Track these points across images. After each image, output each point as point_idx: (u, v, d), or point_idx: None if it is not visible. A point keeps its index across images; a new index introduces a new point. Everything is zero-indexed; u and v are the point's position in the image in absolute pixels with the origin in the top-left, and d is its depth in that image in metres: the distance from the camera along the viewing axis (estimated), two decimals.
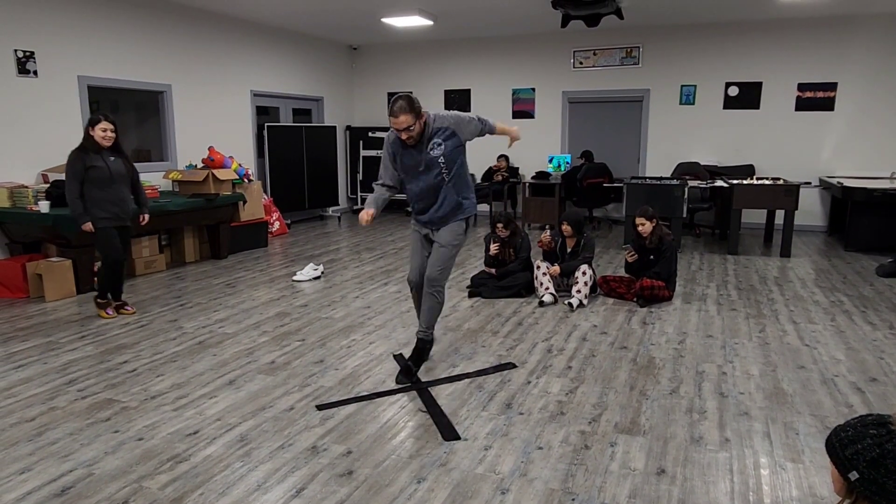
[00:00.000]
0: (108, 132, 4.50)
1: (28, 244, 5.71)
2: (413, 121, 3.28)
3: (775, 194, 6.89)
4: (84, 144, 4.49)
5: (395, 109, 3.25)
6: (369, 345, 4.14)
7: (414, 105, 3.27)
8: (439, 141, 3.42)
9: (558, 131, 9.87)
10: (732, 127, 8.92)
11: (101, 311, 4.75)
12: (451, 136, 3.44)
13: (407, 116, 3.25)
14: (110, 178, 4.54)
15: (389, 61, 10.77)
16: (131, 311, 4.86)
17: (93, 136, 4.47)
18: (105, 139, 4.49)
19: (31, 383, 3.50)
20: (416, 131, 3.33)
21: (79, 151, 4.47)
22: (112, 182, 4.55)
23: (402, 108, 3.24)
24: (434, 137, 3.41)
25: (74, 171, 4.43)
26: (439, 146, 3.41)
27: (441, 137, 3.42)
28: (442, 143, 3.42)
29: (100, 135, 4.47)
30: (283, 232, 8.63)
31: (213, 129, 8.02)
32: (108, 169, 4.52)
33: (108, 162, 4.52)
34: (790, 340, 4.20)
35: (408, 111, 3.24)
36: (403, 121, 3.26)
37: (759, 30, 8.58)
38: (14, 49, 5.70)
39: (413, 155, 3.44)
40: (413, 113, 3.26)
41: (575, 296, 5.04)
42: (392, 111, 3.26)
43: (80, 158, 4.44)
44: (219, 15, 7.99)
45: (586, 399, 3.28)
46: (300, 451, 2.74)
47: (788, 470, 2.58)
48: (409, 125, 3.28)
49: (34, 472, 2.58)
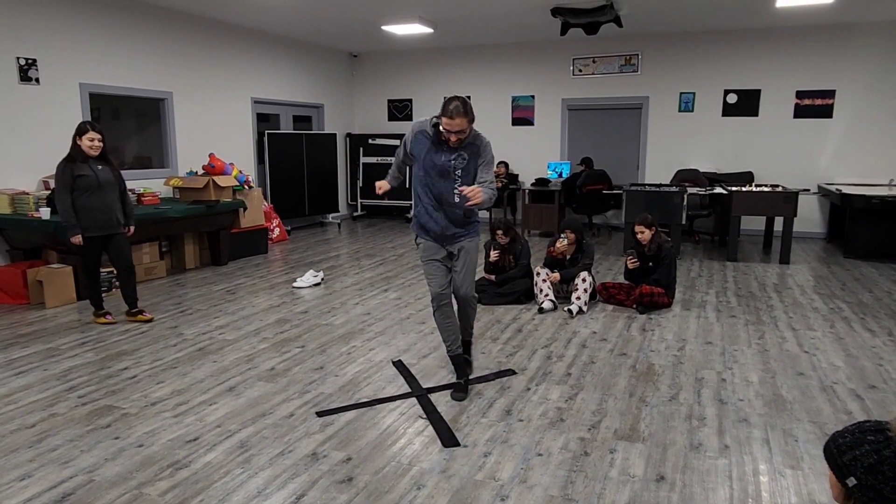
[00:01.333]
0: (96, 141, 4.49)
1: (29, 251, 5.72)
2: (467, 125, 3.21)
3: (774, 201, 6.91)
4: (71, 154, 4.48)
5: (452, 110, 3.15)
6: (369, 351, 4.15)
7: (469, 110, 3.21)
8: (465, 155, 3.33)
9: (558, 138, 9.90)
10: (731, 134, 8.95)
11: (101, 319, 4.75)
12: (471, 155, 3.35)
13: (463, 120, 3.17)
14: (98, 185, 4.52)
15: (390, 69, 10.82)
16: (148, 318, 4.83)
17: (80, 145, 4.46)
18: (92, 149, 4.48)
19: (31, 390, 3.51)
20: (465, 136, 3.26)
21: (66, 162, 4.46)
22: (99, 189, 4.54)
23: (459, 111, 3.15)
24: (463, 149, 3.33)
25: (63, 182, 4.43)
26: (463, 160, 3.33)
27: (467, 152, 3.34)
28: (467, 157, 3.34)
29: (87, 144, 4.46)
30: (283, 238, 8.65)
31: (213, 136, 8.05)
32: (97, 177, 4.51)
33: (95, 170, 4.52)
34: (789, 347, 4.21)
35: (464, 115, 3.17)
36: (459, 123, 3.17)
37: (758, 37, 8.63)
38: (16, 56, 5.73)
39: (439, 160, 3.34)
40: (468, 118, 3.20)
41: (574, 302, 5.05)
42: (447, 111, 3.16)
43: (68, 168, 4.44)
44: (219, 22, 8.03)
45: (586, 406, 3.28)
46: (300, 457, 2.75)
47: (787, 476, 2.58)
48: (464, 128, 3.20)
49: (34, 478, 2.58)
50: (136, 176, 6.97)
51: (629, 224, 6.71)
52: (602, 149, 9.65)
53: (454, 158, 3.32)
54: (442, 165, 3.33)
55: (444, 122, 3.19)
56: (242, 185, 7.33)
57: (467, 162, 3.33)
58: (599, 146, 9.68)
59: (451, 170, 3.33)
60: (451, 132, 3.20)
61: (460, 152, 3.32)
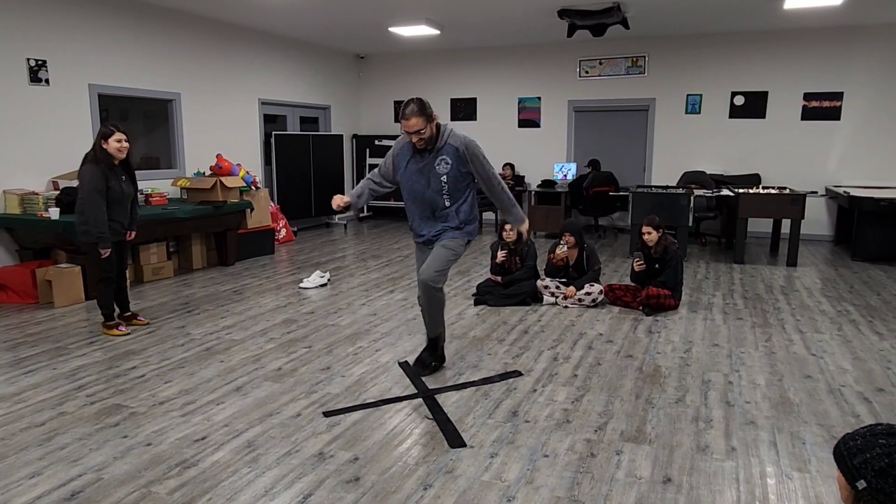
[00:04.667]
0: (123, 142, 4.30)
1: (38, 250, 5.76)
2: (424, 124, 3.27)
3: (781, 203, 6.88)
4: (100, 159, 4.24)
5: (407, 112, 3.24)
6: (375, 352, 4.16)
7: (425, 108, 3.26)
8: (448, 159, 3.37)
9: (564, 140, 9.90)
10: (738, 136, 8.93)
11: (114, 331, 4.51)
12: (460, 160, 3.38)
13: (418, 119, 3.24)
14: (121, 197, 4.39)
15: (396, 70, 10.84)
16: (144, 322, 4.77)
17: (106, 149, 4.24)
18: (121, 151, 4.28)
19: (40, 388, 3.53)
20: (427, 135, 3.31)
21: (96, 166, 4.22)
22: (122, 201, 4.42)
23: (413, 111, 3.23)
24: (443, 154, 3.37)
25: (99, 189, 4.20)
26: (447, 164, 3.37)
27: (450, 156, 3.37)
28: (451, 162, 3.37)
29: (115, 146, 4.26)
30: (289, 239, 8.67)
31: (221, 137, 8.08)
32: (121, 188, 4.36)
33: (120, 181, 4.36)
34: (797, 350, 4.19)
35: (419, 114, 3.24)
36: (415, 123, 3.24)
37: (765, 39, 8.60)
38: (27, 58, 5.77)
39: (419, 166, 3.42)
40: (424, 116, 3.25)
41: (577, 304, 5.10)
42: (404, 114, 3.25)
43: (103, 177, 4.22)
44: (227, 24, 8.07)
45: (592, 407, 3.28)
46: (307, 457, 2.76)
47: (795, 479, 2.58)
48: (420, 128, 3.26)
49: (44, 476, 2.60)
50: (144, 176, 7.00)
51: (636, 226, 6.70)
52: (608, 151, 9.64)
53: (438, 163, 3.37)
54: (426, 171, 3.40)
55: (403, 124, 3.27)
56: (249, 186, 7.36)
57: (451, 167, 3.37)
58: (606, 148, 9.68)
59: (436, 175, 3.39)
60: (410, 133, 3.27)
61: (442, 157, 3.37)
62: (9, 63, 5.65)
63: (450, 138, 3.39)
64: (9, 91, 5.66)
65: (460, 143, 3.39)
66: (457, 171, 3.39)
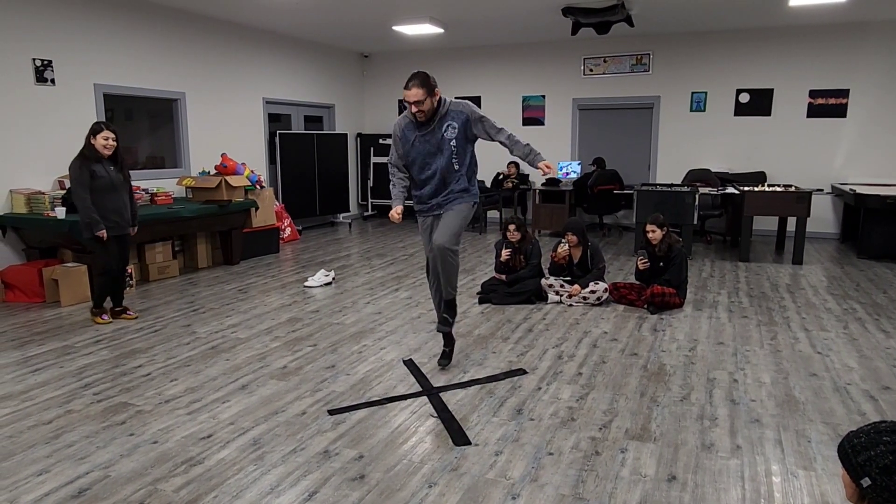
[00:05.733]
0: (110, 141, 4.50)
1: (44, 250, 5.79)
2: (425, 96, 3.36)
3: (787, 201, 6.86)
4: (84, 153, 4.47)
5: (409, 83, 3.34)
6: (380, 350, 4.16)
7: (428, 80, 3.36)
8: (454, 124, 3.48)
9: (568, 138, 9.89)
10: (744, 134, 8.90)
11: (97, 319, 4.76)
12: (465, 123, 3.50)
13: (419, 90, 3.34)
14: (112, 186, 4.55)
15: (400, 69, 10.84)
16: (133, 316, 4.88)
17: (94, 144, 4.47)
18: (107, 147, 4.49)
19: (47, 386, 3.55)
20: (426, 107, 3.40)
21: (81, 160, 4.45)
22: (113, 190, 4.57)
23: (415, 83, 3.34)
24: (447, 119, 3.48)
25: (81, 180, 4.42)
26: (453, 129, 3.48)
27: (456, 121, 3.49)
28: (457, 126, 3.49)
29: (101, 143, 4.47)
30: (294, 238, 8.69)
31: (225, 137, 8.10)
32: (110, 177, 4.54)
33: (108, 171, 4.54)
34: (802, 348, 4.18)
35: (420, 85, 3.34)
36: (415, 94, 3.34)
37: (771, 37, 8.57)
38: (32, 58, 5.80)
39: (427, 138, 3.52)
40: (426, 88, 3.35)
41: (582, 302, 5.10)
42: (406, 84, 3.35)
43: (84, 167, 4.43)
44: (232, 23, 8.08)
45: (597, 405, 3.28)
46: (312, 455, 2.77)
47: (800, 477, 2.57)
48: (420, 99, 3.36)
49: (51, 473, 2.62)
50: (149, 176, 7.03)
51: (640, 224, 6.69)
52: (613, 149, 9.62)
53: (445, 130, 3.50)
54: (433, 140, 3.52)
55: (404, 94, 3.40)
56: (254, 185, 7.38)
57: (458, 131, 3.50)
58: (610, 146, 9.66)
59: (445, 141, 3.51)
60: (410, 102, 3.38)
61: (448, 123, 3.50)
62: (15, 63, 5.68)
63: (451, 106, 3.52)
64: (15, 91, 5.69)
65: (464, 107, 3.53)
66: (463, 134, 3.53)
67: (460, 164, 3.57)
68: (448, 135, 3.49)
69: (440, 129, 3.50)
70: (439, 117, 3.49)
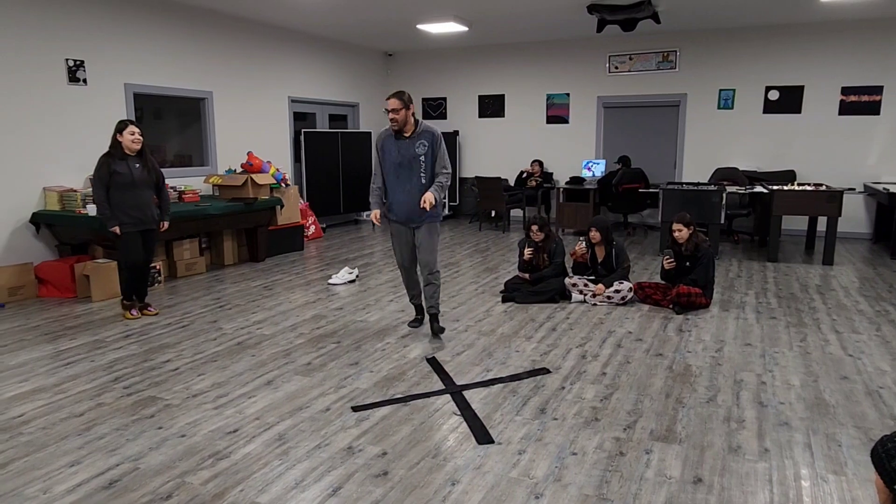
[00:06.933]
0: (136, 135, 4.64)
1: (76, 246, 5.92)
2: (401, 107, 4.06)
3: (817, 200, 6.73)
4: (111, 150, 4.62)
5: (391, 95, 4.10)
6: (403, 348, 4.18)
7: (404, 96, 4.10)
8: (425, 142, 4.16)
9: (593, 136, 9.81)
10: (773, 132, 8.74)
11: (126, 313, 4.87)
12: (432, 144, 4.17)
13: (396, 101, 4.06)
14: (133, 182, 4.65)
15: (424, 67, 10.86)
16: (154, 312, 4.97)
17: (121, 141, 4.60)
18: (134, 142, 4.62)
19: (79, 379, 3.63)
20: (400, 116, 4.08)
21: (106, 157, 4.60)
22: (134, 187, 4.66)
23: (396, 95, 4.09)
24: (421, 138, 4.15)
25: (100, 176, 4.57)
26: (424, 146, 4.15)
27: (426, 140, 4.16)
28: (427, 144, 4.15)
29: (128, 139, 4.60)
30: (318, 236, 8.76)
31: (252, 135, 8.20)
32: (132, 174, 4.64)
33: (132, 168, 4.65)
34: (833, 350, 4.10)
35: (398, 98, 4.07)
36: (393, 103, 4.06)
37: (801, 32, 8.40)
38: (65, 58, 5.93)
39: (401, 149, 4.15)
40: (402, 101, 4.07)
41: (606, 301, 5.05)
42: (389, 96, 4.11)
43: (105, 164, 4.57)
44: (258, 23, 8.17)
45: (621, 406, 3.25)
46: (336, 451, 2.79)
47: (830, 482, 2.52)
48: (397, 108, 4.05)
49: (83, 465, 2.68)
50: (177, 174, 7.14)
51: (666, 223, 6.62)
52: (638, 147, 9.53)
53: (417, 146, 4.14)
54: (409, 154, 4.14)
55: (386, 102, 4.12)
56: (279, 183, 7.46)
57: (427, 148, 4.16)
58: (636, 144, 9.56)
59: (416, 156, 4.13)
60: (388, 110, 4.09)
61: (420, 140, 4.15)
62: (48, 63, 5.81)
63: (425, 127, 4.18)
64: (48, 90, 5.83)
65: (434, 131, 4.20)
66: (431, 152, 4.17)
67: (427, 178, 4.17)
68: (419, 150, 4.14)
69: (413, 144, 4.14)
70: (415, 134, 4.14)
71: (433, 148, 4.15)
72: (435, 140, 4.16)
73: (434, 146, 4.15)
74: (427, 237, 4.26)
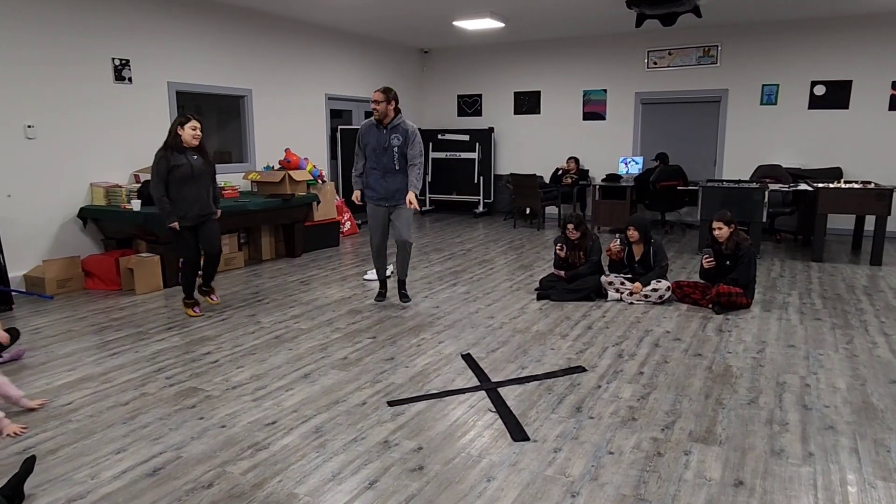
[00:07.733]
0: (198, 130, 4.57)
1: (121, 240, 6.09)
2: (383, 100, 4.72)
3: (865, 199, 6.51)
4: (169, 143, 4.53)
5: (378, 89, 4.75)
6: (438, 344, 4.19)
7: (390, 93, 4.75)
8: (399, 136, 4.81)
9: (630, 133, 9.67)
10: (818, 128, 8.49)
11: (189, 311, 4.86)
12: (405, 138, 4.81)
13: (381, 95, 4.73)
14: (192, 176, 4.58)
15: (460, 64, 10.85)
16: (215, 301, 5.00)
17: (181, 135, 4.51)
18: (195, 137, 4.56)
19: (124, 370, 3.74)
20: (381, 108, 4.73)
21: (164, 151, 4.52)
22: (194, 180, 4.60)
23: (382, 90, 4.75)
24: (397, 132, 4.80)
25: (159, 171, 4.50)
26: (398, 139, 4.80)
27: (401, 135, 4.80)
28: (401, 138, 4.80)
29: (189, 133, 4.53)
30: (353, 232, 8.84)
31: (289, 132, 8.31)
32: (191, 167, 4.57)
33: (191, 160, 4.58)
34: (881, 353, 3.96)
35: (384, 93, 4.73)
36: (378, 96, 4.73)
37: (849, 25, 8.13)
38: (112, 57, 6.10)
39: (379, 137, 4.81)
40: (387, 97, 4.73)
41: (643, 300, 4.97)
42: (376, 90, 4.75)
43: (165, 158, 4.49)
44: (296, 21, 8.27)
45: (659, 406, 3.21)
46: (372, 444, 2.81)
47: (879, 488, 2.44)
48: (380, 101, 4.73)
49: (128, 452, 2.76)
50: (217, 170, 7.22)
51: (705, 222, 6.49)
52: (677, 144, 9.35)
53: (392, 138, 4.80)
54: (384, 143, 4.79)
55: (372, 95, 4.79)
56: (316, 180, 7.54)
57: (401, 141, 4.81)
58: (674, 141, 9.39)
59: (390, 146, 4.79)
60: (372, 101, 4.77)
61: (395, 134, 4.80)
62: (96, 62, 5.98)
63: (403, 123, 4.83)
64: (96, 89, 6.00)
65: (410, 128, 4.84)
66: (403, 144, 4.81)
67: (399, 165, 4.83)
68: (394, 142, 4.80)
69: (390, 136, 4.80)
70: (392, 126, 4.78)
71: (406, 141, 4.81)
72: (408, 136, 4.81)
73: (407, 140, 4.81)
74: (401, 213, 4.90)
